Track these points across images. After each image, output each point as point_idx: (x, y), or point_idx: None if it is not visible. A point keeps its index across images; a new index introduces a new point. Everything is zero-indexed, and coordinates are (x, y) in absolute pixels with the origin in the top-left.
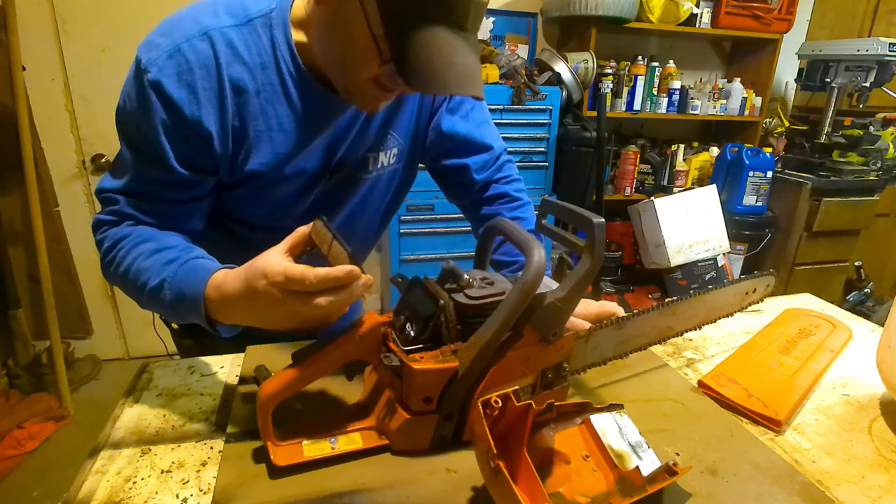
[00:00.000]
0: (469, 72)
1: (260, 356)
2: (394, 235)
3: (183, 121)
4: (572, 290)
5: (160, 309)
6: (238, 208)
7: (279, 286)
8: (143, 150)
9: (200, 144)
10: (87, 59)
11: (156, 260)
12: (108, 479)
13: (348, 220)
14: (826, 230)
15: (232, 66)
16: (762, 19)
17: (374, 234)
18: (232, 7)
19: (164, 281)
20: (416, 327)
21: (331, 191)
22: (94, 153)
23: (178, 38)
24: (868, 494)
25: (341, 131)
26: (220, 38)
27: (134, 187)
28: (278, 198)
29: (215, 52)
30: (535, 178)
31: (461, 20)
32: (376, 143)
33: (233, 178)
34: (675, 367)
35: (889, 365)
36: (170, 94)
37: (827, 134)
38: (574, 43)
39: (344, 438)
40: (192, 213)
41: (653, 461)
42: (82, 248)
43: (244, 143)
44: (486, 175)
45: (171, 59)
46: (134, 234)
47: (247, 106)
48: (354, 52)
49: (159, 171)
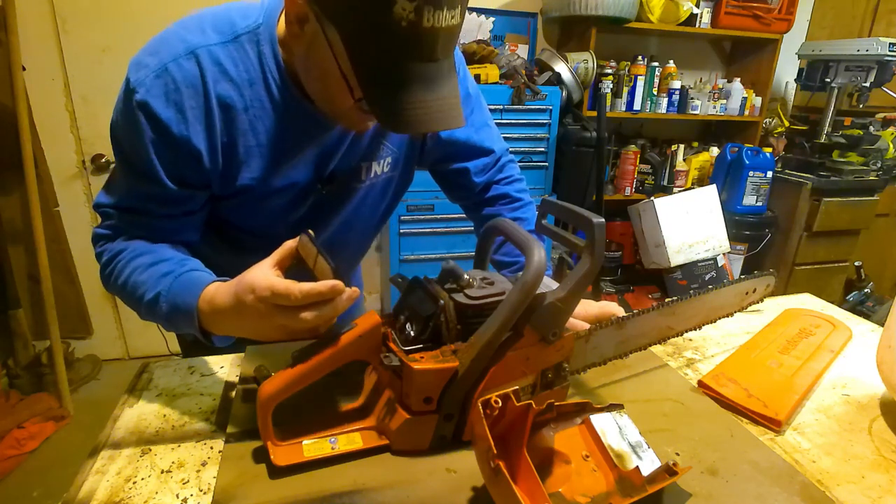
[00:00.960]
0: (445, 105)
1: (260, 356)
2: (394, 235)
3: (171, 139)
4: (572, 290)
5: (158, 320)
6: (233, 217)
7: (266, 301)
8: (135, 167)
9: (190, 161)
10: (87, 59)
11: (151, 273)
12: (108, 479)
13: (343, 229)
14: (826, 230)
15: (219, 83)
16: (762, 19)
17: (369, 239)
18: (219, 23)
19: (160, 294)
20: (416, 327)
21: (324, 201)
22: (94, 153)
23: (166, 57)
24: (868, 494)
25: (333, 143)
26: (207, 56)
27: (127, 203)
28: (272, 209)
29: (202, 70)
30: (535, 178)
31: (430, 52)
32: (369, 153)
33: (225, 192)
34: (675, 367)
35: (889, 365)
36: (157, 114)
37: (827, 134)
38: (574, 43)
39: (344, 438)
40: (185, 226)
41: (653, 461)
42: (82, 248)
43: (234, 159)
44: (486, 177)
45: (159, 79)
46: (130, 248)
47: (235, 122)
48: (329, 86)
49: (151, 187)
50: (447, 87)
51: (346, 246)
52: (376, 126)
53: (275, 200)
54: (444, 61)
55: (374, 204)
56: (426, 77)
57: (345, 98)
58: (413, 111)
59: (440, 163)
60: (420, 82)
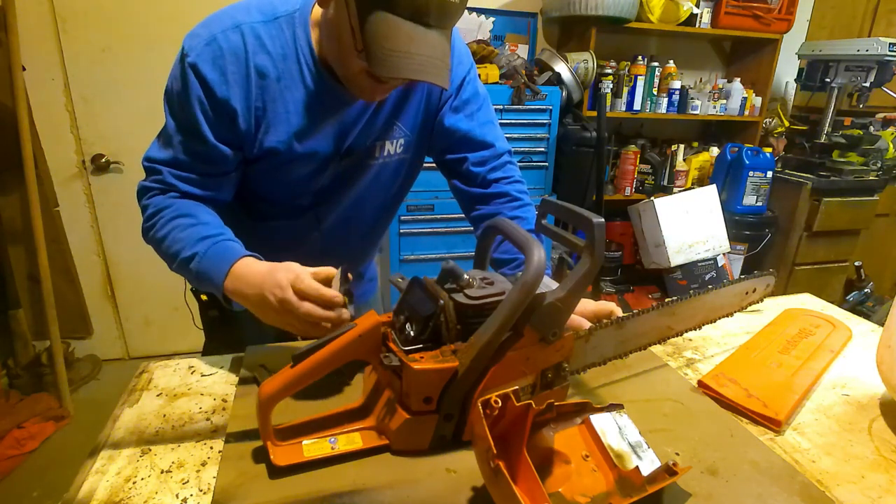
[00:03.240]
0: (430, 62)
1: (260, 356)
2: (394, 235)
3: (214, 98)
4: (572, 290)
5: (187, 276)
6: (261, 185)
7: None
8: (183, 123)
9: (228, 121)
10: (87, 59)
11: (191, 233)
12: (108, 479)
13: (358, 202)
14: (826, 230)
15: (258, 55)
16: (762, 19)
17: (380, 223)
18: (263, 6)
19: (196, 255)
20: (415, 327)
21: (341, 173)
22: (94, 153)
23: (215, 29)
24: (868, 494)
25: (351, 120)
26: (250, 31)
27: (175, 158)
28: (295, 176)
29: (245, 42)
30: (535, 178)
31: (420, 15)
32: (383, 133)
33: (253, 154)
34: (675, 367)
35: (889, 365)
36: (204, 75)
37: (827, 134)
38: (574, 43)
39: (344, 438)
40: (223, 184)
41: (653, 461)
42: (82, 248)
43: (264, 122)
44: (485, 170)
45: (208, 47)
46: (175, 206)
47: (268, 90)
48: (343, 46)
49: (195, 143)
50: (437, 50)
51: (359, 224)
52: (390, 108)
53: (297, 168)
54: (437, 31)
55: (386, 183)
56: (416, 37)
57: (353, 57)
58: (399, 59)
59: (444, 152)
60: (409, 39)
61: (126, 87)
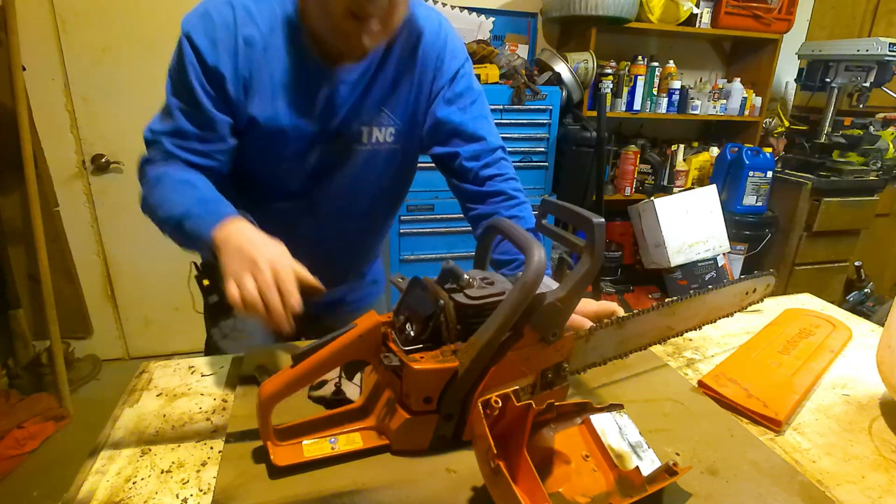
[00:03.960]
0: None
1: (260, 356)
2: (394, 235)
3: (205, 65)
4: (572, 290)
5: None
6: (253, 163)
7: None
8: (181, 94)
9: (218, 87)
10: (87, 59)
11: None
12: (108, 479)
13: (351, 190)
14: (826, 230)
15: (246, 26)
16: (762, 19)
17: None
18: None
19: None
20: (416, 327)
21: (329, 156)
22: (94, 153)
23: (209, 4)
24: (868, 494)
25: (338, 101)
26: (240, 5)
27: (175, 127)
28: (284, 154)
29: (234, 14)
30: (535, 178)
31: None
32: (370, 118)
33: (243, 124)
34: (675, 367)
35: (889, 365)
36: (196, 43)
37: (827, 134)
38: (574, 43)
39: (344, 438)
40: (221, 154)
41: (653, 461)
42: (82, 248)
43: (250, 90)
44: (479, 164)
45: (201, 19)
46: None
47: (254, 58)
48: None
49: (193, 111)
50: None
51: (354, 213)
52: (379, 94)
53: (285, 145)
54: None
55: (378, 171)
56: None
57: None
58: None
59: (435, 145)
60: None
61: (126, 87)
